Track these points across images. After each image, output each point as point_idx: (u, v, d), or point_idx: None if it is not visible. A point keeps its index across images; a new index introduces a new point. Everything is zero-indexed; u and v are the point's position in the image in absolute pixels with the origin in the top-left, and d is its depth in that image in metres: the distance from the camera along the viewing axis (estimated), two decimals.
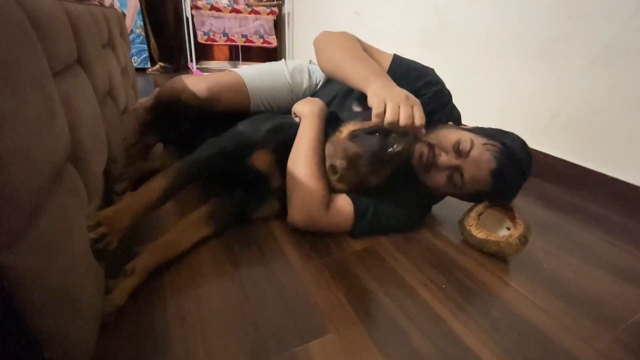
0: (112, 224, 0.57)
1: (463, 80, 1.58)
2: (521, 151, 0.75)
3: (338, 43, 0.84)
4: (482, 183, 0.75)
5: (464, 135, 0.76)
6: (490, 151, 0.73)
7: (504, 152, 0.73)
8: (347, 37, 0.86)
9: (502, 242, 0.74)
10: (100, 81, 0.79)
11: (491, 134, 0.77)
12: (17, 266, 0.31)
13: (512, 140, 0.76)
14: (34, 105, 0.37)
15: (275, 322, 0.58)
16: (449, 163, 0.76)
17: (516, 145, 0.75)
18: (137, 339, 0.53)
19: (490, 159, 0.73)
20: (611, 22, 1.07)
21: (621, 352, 0.57)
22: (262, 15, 3.21)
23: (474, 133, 0.77)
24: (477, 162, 0.74)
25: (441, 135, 0.79)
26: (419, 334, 0.57)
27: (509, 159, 0.73)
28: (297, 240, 0.79)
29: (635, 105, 1.04)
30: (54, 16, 0.52)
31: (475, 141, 0.75)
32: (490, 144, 0.74)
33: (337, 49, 0.83)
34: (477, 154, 0.74)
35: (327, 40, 0.87)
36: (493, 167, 0.73)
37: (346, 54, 0.81)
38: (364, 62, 0.79)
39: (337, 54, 0.82)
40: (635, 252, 0.86)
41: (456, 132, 0.79)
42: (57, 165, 0.42)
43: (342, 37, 0.86)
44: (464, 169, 0.75)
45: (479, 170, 0.74)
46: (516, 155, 0.73)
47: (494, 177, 0.74)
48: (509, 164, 0.73)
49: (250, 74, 1.02)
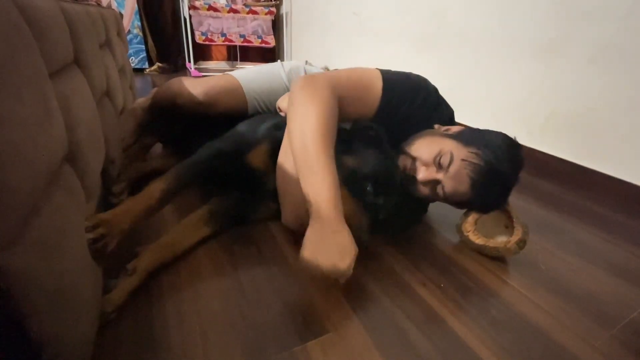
0: (111, 226, 0.56)
1: (461, 79, 1.58)
2: (504, 160, 0.70)
3: (305, 127, 0.65)
4: (463, 196, 0.74)
5: (445, 147, 0.73)
6: (468, 168, 0.70)
7: (483, 165, 0.69)
8: (319, 111, 0.66)
9: (500, 248, 0.74)
10: (98, 81, 0.79)
11: (474, 142, 0.72)
12: (14, 267, 0.31)
13: (495, 151, 0.70)
14: (31, 106, 0.37)
15: (274, 322, 0.58)
16: (429, 177, 0.74)
17: (499, 154, 0.70)
18: (136, 339, 0.53)
19: (469, 174, 0.70)
20: (607, 22, 1.07)
21: (619, 350, 0.57)
22: (260, 15, 3.20)
23: (457, 141, 0.74)
24: (456, 177, 0.71)
25: (423, 147, 0.76)
26: (418, 333, 0.57)
27: (489, 172, 0.69)
28: (295, 240, 0.79)
29: (631, 104, 1.05)
30: (51, 16, 0.51)
31: (455, 154, 0.72)
32: (468, 160, 0.70)
33: (302, 137, 0.65)
34: (455, 169, 0.71)
35: (295, 110, 0.68)
36: (472, 184, 0.70)
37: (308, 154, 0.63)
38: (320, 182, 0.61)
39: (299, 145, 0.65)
40: (632, 250, 0.86)
41: (438, 142, 0.75)
42: (54, 165, 0.42)
43: (312, 114, 0.66)
44: (444, 183, 0.73)
45: (459, 185, 0.72)
46: (497, 167, 0.69)
47: (474, 192, 0.72)
48: (489, 178, 0.70)
49: (246, 77, 1.02)
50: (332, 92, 0.70)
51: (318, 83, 0.70)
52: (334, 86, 0.71)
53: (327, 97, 0.68)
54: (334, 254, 0.56)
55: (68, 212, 0.44)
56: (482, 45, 1.47)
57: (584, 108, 1.17)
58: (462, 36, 1.57)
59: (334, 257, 0.55)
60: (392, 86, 0.79)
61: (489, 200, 0.75)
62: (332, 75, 0.75)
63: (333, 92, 0.70)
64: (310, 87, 0.69)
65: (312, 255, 0.55)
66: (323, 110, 0.66)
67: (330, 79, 0.73)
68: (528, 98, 1.33)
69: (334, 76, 0.75)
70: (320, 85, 0.70)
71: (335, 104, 0.70)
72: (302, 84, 0.70)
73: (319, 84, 0.70)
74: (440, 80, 0.86)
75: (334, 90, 0.71)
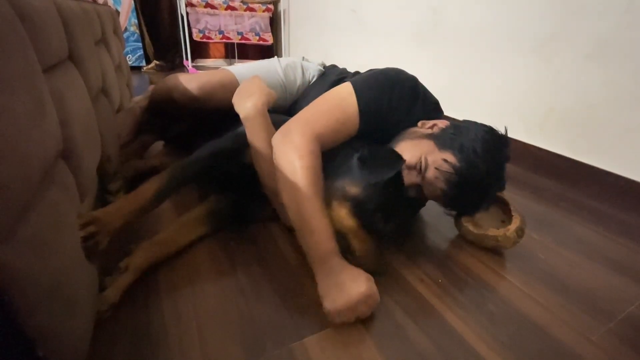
0: (103, 224, 0.56)
1: (458, 76, 1.58)
2: (479, 163, 0.68)
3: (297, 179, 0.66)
4: (440, 201, 0.75)
5: (423, 151, 0.73)
6: (442, 175, 0.69)
7: (454, 175, 0.68)
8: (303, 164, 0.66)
9: (499, 237, 0.74)
10: (93, 78, 0.78)
11: (450, 145, 0.71)
12: (8, 262, 0.31)
13: (471, 152, 0.69)
14: (23, 100, 0.37)
15: (272, 318, 0.58)
16: (410, 182, 0.74)
17: (473, 159, 0.68)
18: (133, 337, 0.53)
19: (441, 183, 0.70)
20: (605, 17, 1.07)
21: (616, 343, 0.57)
22: (257, 13, 3.19)
23: (435, 143, 0.73)
24: (432, 183, 0.71)
25: (405, 151, 0.74)
26: (415, 328, 0.57)
27: (461, 181, 0.68)
28: (293, 237, 0.79)
29: (629, 99, 1.05)
30: (44, 11, 0.51)
31: (430, 160, 0.71)
32: (441, 168, 0.69)
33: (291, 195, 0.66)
34: (430, 175, 0.71)
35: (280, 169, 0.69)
36: (444, 192, 0.70)
37: (304, 214, 0.64)
38: (314, 235, 0.63)
39: (290, 204, 0.67)
40: (629, 244, 0.86)
41: (418, 145, 0.75)
42: (47, 161, 0.42)
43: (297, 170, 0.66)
44: (424, 188, 0.74)
45: (435, 190, 0.72)
46: (469, 175, 0.68)
47: (445, 199, 0.72)
48: (461, 186, 0.68)
49: (243, 72, 1.01)
50: (309, 138, 0.69)
51: (294, 134, 0.70)
52: (311, 129, 0.71)
53: (306, 146, 0.68)
54: (351, 288, 0.56)
55: (63, 208, 0.44)
56: (480, 41, 1.47)
57: (582, 104, 1.17)
58: (460, 32, 1.56)
59: (351, 290, 0.56)
60: (365, 95, 0.76)
61: (465, 205, 0.76)
62: (306, 119, 0.74)
63: (310, 137, 0.70)
64: (288, 142, 0.69)
65: (333, 303, 0.56)
66: (306, 162, 0.66)
67: (305, 123, 0.72)
68: (526, 94, 1.33)
69: (308, 119, 0.74)
70: (298, 135, 0.69)
71: (316, 148, 0.70)
72: (281, 139, 0.71)
73: (295, 135, 0.70)
74: (437, 76, 0.86)
75: (311, 134, 0.70)
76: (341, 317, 0.56)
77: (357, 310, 0.56)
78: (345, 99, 0.77)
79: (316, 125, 0.72)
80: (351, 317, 0.56)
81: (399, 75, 0.82)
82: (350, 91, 0.77)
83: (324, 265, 0.61)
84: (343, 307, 0.55)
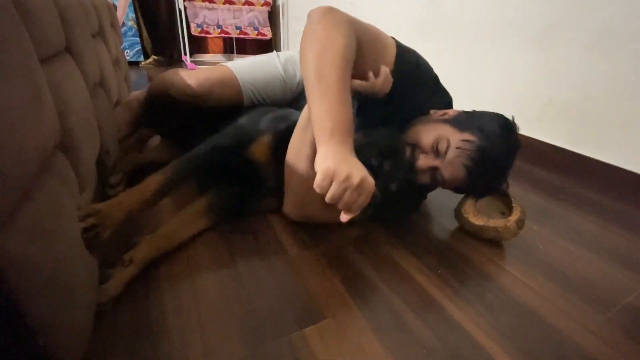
0: (104, 217, 0.56)
1: (458, 67, 1.58)
2: (499, 144, 0.71)
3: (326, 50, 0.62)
4: (461, 181, 0.75)
5: (442, 132, 0.74)
6: (463, 155, 0.71)
7: (477, 152, 0.70)
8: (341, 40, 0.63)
9: (500, 228, 0.74)
10: (91, 71, 0.78)
11: (469, 127, 0.73)
12: (6, 251, 0.31)
13: (490, 132, 0.71)
14: (20, 89, 0.36)
15: (272, 309, 0.58)
16: (428, 164, 0.75)
17: (493, 139, 0.70)
18: (134, 328, 0.53)
19: (464, 162, 0.71)
20: (605, 6, 1.06)
21: (615, 333, 0.58)
22: (256, 7, 3.17)
23: (453, 126, 0.74)
24: (453, 163, 0.72)
25: (421, 133, 0.76)
26: (415, 318, 0.58)
27: (484, 159, 0.70)
28: (293, 229, 0.79)
29: (629, 90, 1.05)
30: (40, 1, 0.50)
31: (452, 140, 0.72)
32: (463, 147, 0.71)
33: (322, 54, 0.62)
34: (452, 155, 0.72)
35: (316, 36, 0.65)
36: (468, 169, 0.71)
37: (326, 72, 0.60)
38: (336, 105, 0.58)
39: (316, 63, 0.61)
40: (628, 236, 0.87)
41: (434, 128, 0.76)
42: (46, 151, 0.41)
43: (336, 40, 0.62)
44: (442, 169, 0.74)
45: (456, 171, 0.73)
46: (491, 153, 0.70)
47: (470, 177, 0.72)
48: (484, 164, 0.70)
49: (241, 68, 1.00)
50: (352, 29, 0.66)
51: (339, 16, 0.66)
52: (355, 26, 0.68)
53: (350, 33, 0.65)
54: (351, 162, 0.53)
55: (61, 199, 0.44)
56: (479, 33, 1.46)
57: (581, 95, 1.16)
58: (459, 24, 1.55)
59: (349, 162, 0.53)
60: (405, 54, 0.77)
61: (485, 184, 0.77)
62: (355, 19, 0.71)
63: (353, 30, 0.66)
64: (331, 18, 0.65)
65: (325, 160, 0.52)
66: (346, 41, 0.62)
67: (351, 18, 0.69)
68: (525, 85, 1.32)
69: (358, 21, 0.71)
70: (342, 19, 0.66)
71: (355, 44, 0.66)
72: (325, 11, 0.66)
73: (340, 18, 0.66)
74: (436, 67, 0.85)
75: (353, 29, 0.67)
76: (327, 179, 0.52)
77: (348, 183, 0.52)
78: (388, 43, 0.76)
79: (359, 29, 0.68)
80: (338, 189, 0.52)
81: (430, 66, 0.84)
82: (392, 43, 0.77)
83: (334, 135, 0.55)
84: (335, 167, 0.52)
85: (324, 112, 0.57)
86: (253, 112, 0.90)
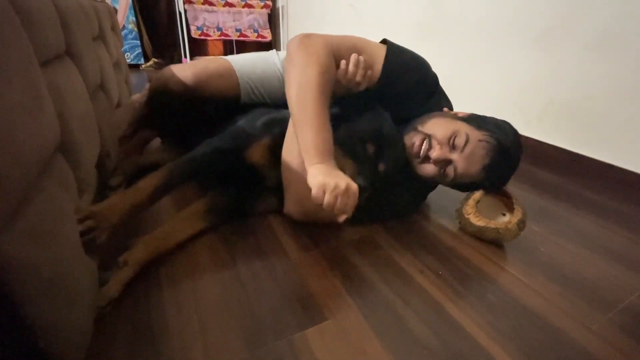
0: (100, 219, 0.56)
1: (458, 68, 1.58)
2: (513, 145, 0.75)
3: (302, 88, 0.69)
4: (474, 177, 0.76)
5: (461, 128, 0.75)
6: (484, 148, 0.73)
7: (497, 148, 0.73)
8: (317, 71, 0.69)
9: (501, 229, 0.74)
10: (91, 74, 0.78)
11: (485, 126, 0.76)
12: (6, 253, 0.31)
13: (506, 134, 0.76)
14: (20, 92, 0.37)
15: (273, 310, 0.58)
16: (443, 156, 0.75)
17: (509, 140, 0.75)
18: (134, 330, 0.53)
19: (484, 155, 0.73)
20: (605, 7, 1.06)
21: (616, 333, 0.57)
22: (255, 9, 3.17)
23: (469, 124, 0.76)
24: (471, 157, 0.74)
25: (437, 125, 0.78)
26: (416, 319, 0.58)
27: (502, 155, 0.73)
28: (294, 231, 0.79)
29: (629, 91, 1.05)
30: (41, 5, 0.51)
31: (471, 136, 0.74)
32: (485, 141, 0.74)
33: (299, 92, 0.69)
34: (471, 150, 0.74)
35: (294, 72, 0.71)
36: (486, 164, 0.74)
37: (305, 108, 0.68)
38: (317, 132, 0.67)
39: (296, 100, 0.69)
40: (629, 236, 0.86)
41: (452, 123, 0.77)
42: (45, 154, 0.42)
43: (310, 74, 0.69)
44: (457, 163, 0.75)
45: (472, 165, 0.74)
46: (509, 151, 0.74)
47: (486, 172, 0.74)
48: (502, 160, 0.74)
49: (240, 61, 1.00)
50: (329, 52, 0.72)
51: (315, 43, 0.73)
52: (332, 48, 0.74)
53: (323, 57, 0.71)
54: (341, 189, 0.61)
55: (62, 202, 0.44)
56: (479, 33, 1.46)
57: (581, 96, 1.16)
58: (459, 24, 1.55)
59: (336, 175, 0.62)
60: (396, 55, 0.81)
61: (499, 177, 0.79)
62: (332, 38, 0.76)
63: (330, 53, 0.73)
64: (306, 47, 0.72)
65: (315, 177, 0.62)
66: (319, 70, 0.69)
67: (329, 40, 0.75)
68: (525, 86, 1.32)
69: (334, 39, 0.76)
70: (317, 45, 0.72)
71: (331, 64, 0.73)
72: (299, 43, 0.73)
73: (316, 44, 0.72)
74: (436, 68, 0.86)
75: (331, 51, 0.73)
76: (320, 190, 0.60)
77: (337, 191, 0.60)
78: (376, 51, 0.80)
79: (338, 50, 0.75)
80: (330, 197, 0.60)
81: (428, 66, 0.86)
82: (382, 47, 0.81)
83: (317, 162, 0.65)
84: (324, 181, 0.60)
85: (309, 141, 0.66)
86: (251, 113, 0.90)
